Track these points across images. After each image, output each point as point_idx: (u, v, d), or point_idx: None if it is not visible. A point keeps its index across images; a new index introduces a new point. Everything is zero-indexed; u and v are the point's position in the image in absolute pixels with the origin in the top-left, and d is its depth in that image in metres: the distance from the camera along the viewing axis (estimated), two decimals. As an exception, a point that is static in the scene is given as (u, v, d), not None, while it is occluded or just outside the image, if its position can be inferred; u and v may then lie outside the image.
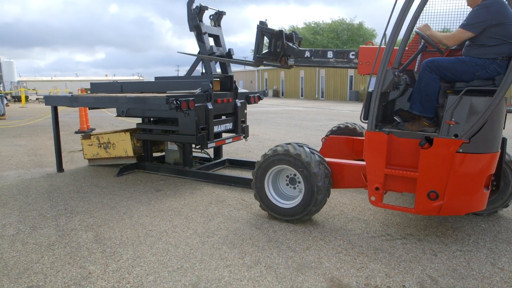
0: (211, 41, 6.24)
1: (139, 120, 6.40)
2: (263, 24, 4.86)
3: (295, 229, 3.77)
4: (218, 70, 6.44)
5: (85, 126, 11.44)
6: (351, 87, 33.00)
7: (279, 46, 4.87)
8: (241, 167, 6.49)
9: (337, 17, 76.16)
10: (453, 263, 3.10)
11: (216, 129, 5.74)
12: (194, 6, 5.90)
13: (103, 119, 15.04)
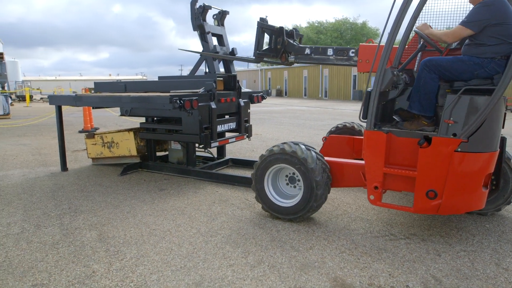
0: (214, 41, 6.25)
1: (143, 120, 6.42)
2: (263, 20, 4.86)
3: (298, 229, 3.77)
4: (222, 69, 6.44)
5: (89, 125, 11.49)
6: (355, 87, 32.93)
7: (279, 43, 4.87)
8: (244, 166, 6.49)
9: (340, 16, 76.01)
10: (457, 264, 3.09)
11: (220, 128, 5.74)
12: (197, 5, 5.91)
13: (107, 118, 15.09)
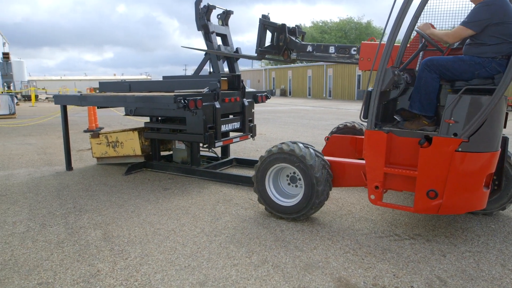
0: (218, 40, 6.26)
1: (147, 119, 6.43)
2: (265, 17, 4.86)
3: (302, 229, 3.77)
4: (226, 69, 6.45)
5: (94, 125, 11.54)
6: (359, 86, 32.83)
7: (281, 40, 4.86)
8: (248, 166, 6.49)
9: (345, 16, 75.77)
10: (462, 264, 3.07)
11: (224, 128, 5.75)
12: (202, 5, 5.92)
13: (111, 118, 15.15)
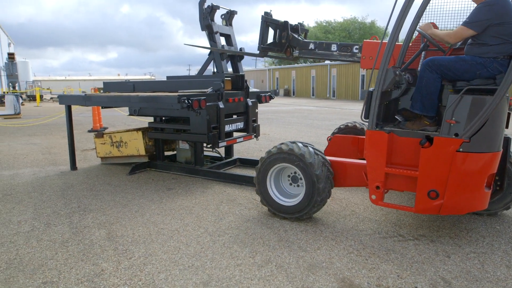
0: (222, 40, 6.27)
1: (151, 119, 6.45)
2: (267, 14, 4.85)
3: (306, 229, 3.76)
4: (230, 69, 6.45)
5: (98, 125, 11.59)
6: (363, 86, 32.73)
7: (284, 37, 4.86)
8: (252, 166, 6.48)
9: (349, 15, 75.66)
10: (467, 265, 3.06)
11: (227, 128, 5.76)
12: (206, 5, 5.92)
13: (115, 118, 15.21)
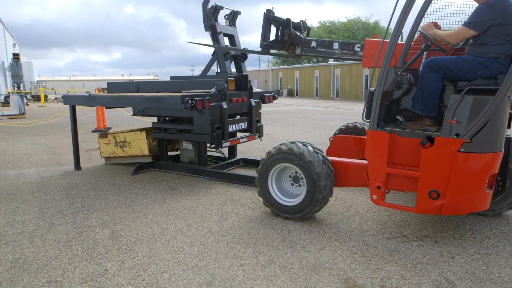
0: (226, 41, 6.27)
1: (155, 119, 6.47)
2: (270, 12, 4.85)
3: (309, 229, 3.76)
4: (233, 69, 6.46)
5: (102, 125, 11.63)
6: (367, 87, 32.65)
7: (286, 35, 4.86)
8: (255, 166, 6.48)
9: (352, 15, 75.56)
10: (471, 267, 3.04)
11: (231, 128, 5.76)
12: (209, 6, 5.93)
13: (119, 118, 15.26)
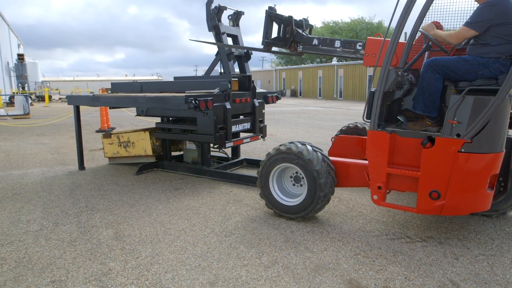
0: (229, 41, 6.28)
1: (158, 120, 6.48)
2: (271, 9, 4.85)
3: (312, 230, 3.75)
4: (237, 70, 6.46)
5: (106, 125, 11.67)
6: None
7: (288, 32, 4.86)
8: (258, 167, 6.47)
9: (356, 16, 75.44)
10: (475, 268, 3.02)
11: (234, 128, 5.76)
12: (213, 6, 5.94)
13: (123, 118, 15.30)
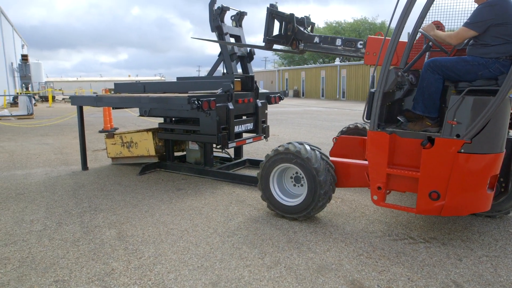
0: (232, 42, 6.28)
1: (161, 120, 6.50)
2: (273, 6, 4.85)
3: (315, 230, 3.75)
4: (239, 70, 6.47)
5: (109, 125, 11.70)
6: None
7: (289, 30, 4.86)
8: (261, 167, 6.48)
9: (359, 16, 75.36)
10: (479, 269, 3.01)
11: (237, 129, 5.76)
12: (216, 6, 5.94)
13: (126, 118, 15.34)
